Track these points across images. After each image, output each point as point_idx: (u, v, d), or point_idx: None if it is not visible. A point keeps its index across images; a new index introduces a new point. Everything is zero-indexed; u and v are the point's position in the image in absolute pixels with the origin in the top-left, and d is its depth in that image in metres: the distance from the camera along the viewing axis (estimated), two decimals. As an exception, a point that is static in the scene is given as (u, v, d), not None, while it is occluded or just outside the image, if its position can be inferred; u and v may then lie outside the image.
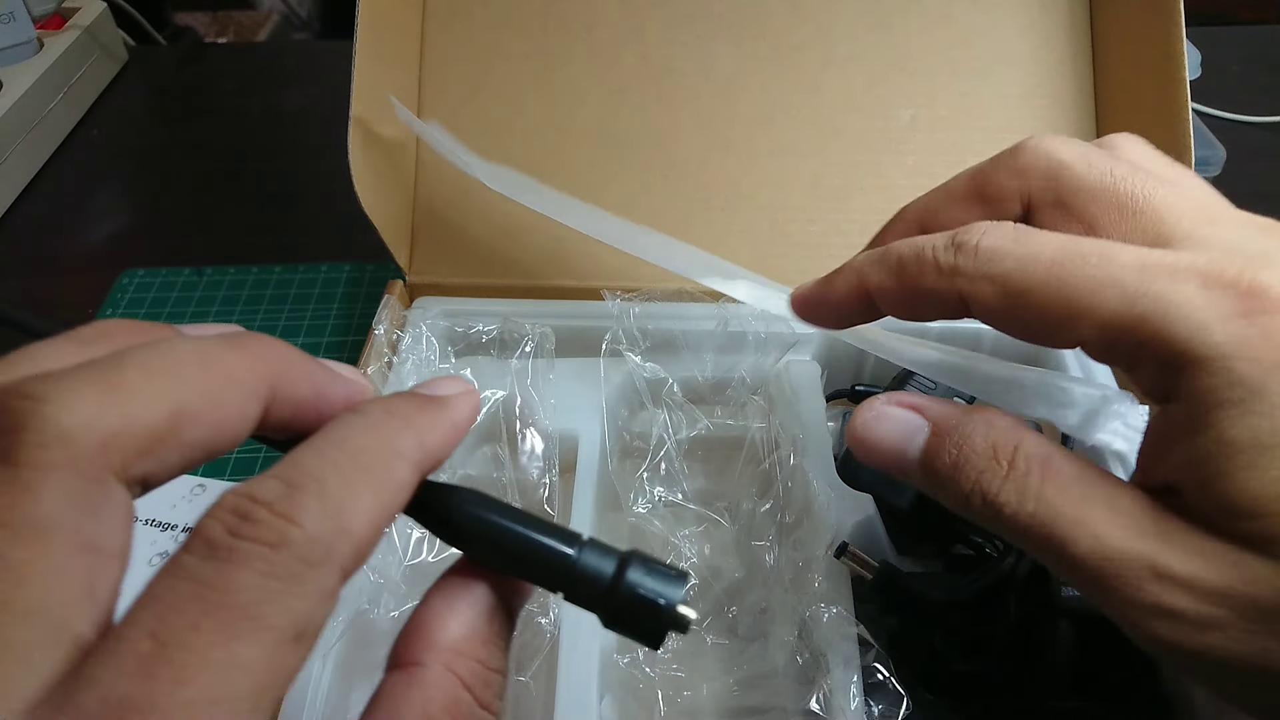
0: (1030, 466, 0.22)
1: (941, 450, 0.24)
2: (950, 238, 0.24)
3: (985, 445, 0.23)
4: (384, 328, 0.42)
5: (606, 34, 0.50)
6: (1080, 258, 0.22)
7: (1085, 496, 0.21)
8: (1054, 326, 0.22)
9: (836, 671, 0.31)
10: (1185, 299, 0.20)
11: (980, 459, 0.23)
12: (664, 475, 0.40)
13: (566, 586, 0.20)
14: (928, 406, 0.25)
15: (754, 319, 0.42)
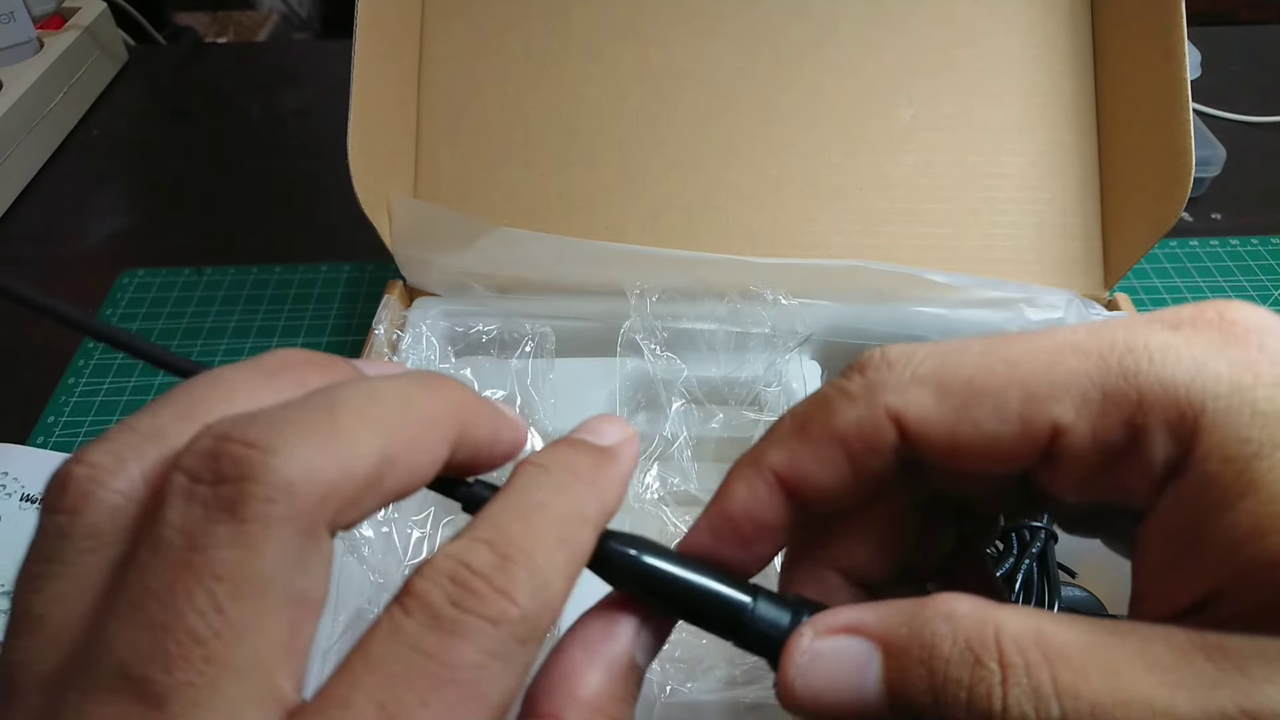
0: (1028, 657, 0.17)
1: (907, 678, 0.18)
2: (844, 371, 0.20)
3: (959, 649, 0.17)
4: (384, 328, 0.42)
5: (606, 34, 0.50)
6: (1013, 339, 0.18)
7: (1113, 667, 0.16)
8: (1019, 416, 0.18)
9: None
10: (1163, 341, 0.17)
11: (961, 669, 0.17)
12: (672, 466, 0.40)
13: (737, 635, 0.20)
14: (863, 621, 0.18)
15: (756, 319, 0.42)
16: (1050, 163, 0.48)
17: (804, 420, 0.20)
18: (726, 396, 0.42)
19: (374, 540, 0.35)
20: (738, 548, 0.21)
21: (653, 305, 0.42)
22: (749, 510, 0.21)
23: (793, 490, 0.20)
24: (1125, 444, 0.17)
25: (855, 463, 0.19)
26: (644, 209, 0.49)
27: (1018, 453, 0.18)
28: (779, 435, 0.20)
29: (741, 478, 0.21)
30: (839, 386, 0.20)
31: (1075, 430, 0.18)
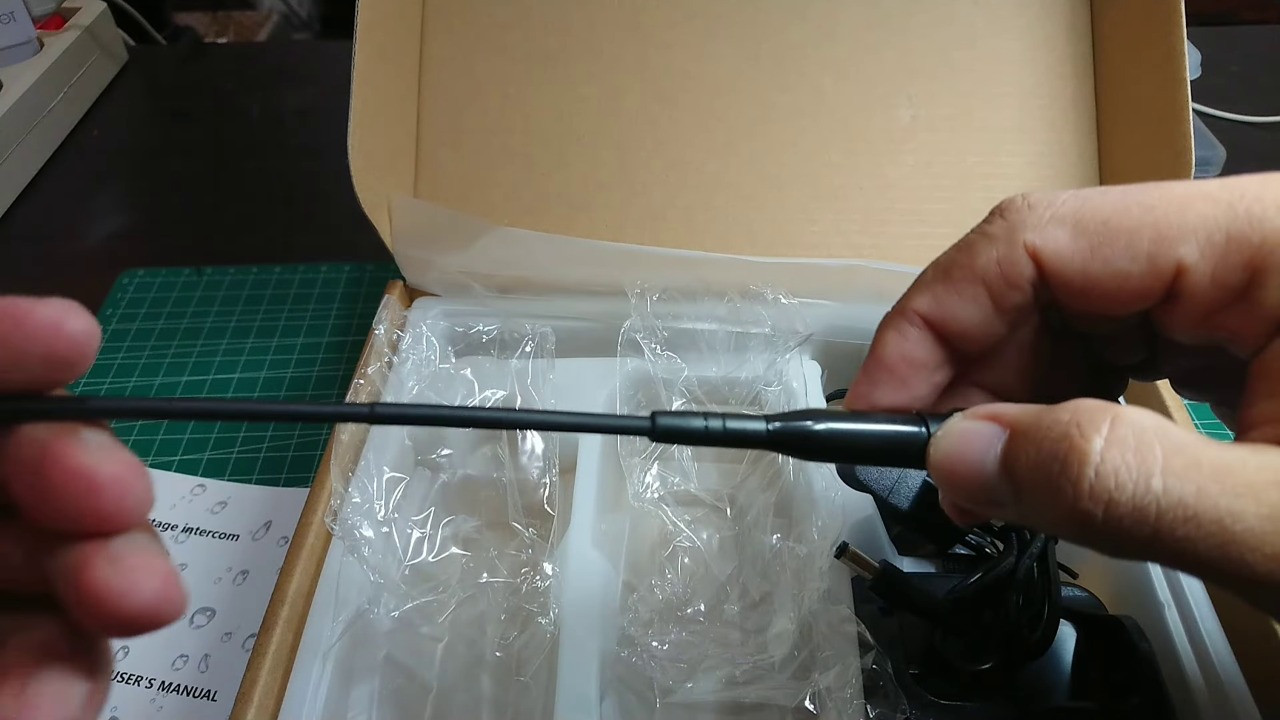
0: (1142, 437, 0.17)
1: (1018, 449, 0.18)
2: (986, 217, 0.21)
3: (1068, 424, 0.17)
4: (384, 328, 0.42)
5: (606, 34, 0.50)
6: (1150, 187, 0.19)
7: (1226, 464, 0.16)
8: (1148, 255, 0.19)
9: (835, 670, 0.31)
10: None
11: (1063, 442, 0.17)
12: (672, 466, 0.40)
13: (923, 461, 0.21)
14: (1005, 411, 0.20)
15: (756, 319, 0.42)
16: (1050, 163, 0.48)
17: (947, 265, 0.22)
18: (727, 396, 0.42)
19: (374, 540, 0.35)
20: (898, 390, 0.23)
21: (653, 305, 0.42)
22: (903, 354, 0.22)
23: (940, 330, 0.22)
24: (1243, 285, 0.18)
25: (996, 299, 0.21)
26: (644, 209, 0.49)
27: (1144, 289, 0.19)
28: (923, 283, 0.22)
29: (891, 326, 0.22)
30: (980, 230, 0.21)
31: (1197, 270, 0.19)
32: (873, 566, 0.34)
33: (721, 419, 0.21)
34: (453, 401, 0.41)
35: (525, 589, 0.35)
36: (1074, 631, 0.36)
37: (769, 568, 0.36)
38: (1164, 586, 0.35)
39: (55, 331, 0.16)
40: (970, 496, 0.20)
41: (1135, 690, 0.33)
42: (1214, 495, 0.16)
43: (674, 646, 0.34)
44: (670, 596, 0.36)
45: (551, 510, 0.38)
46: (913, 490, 0.38)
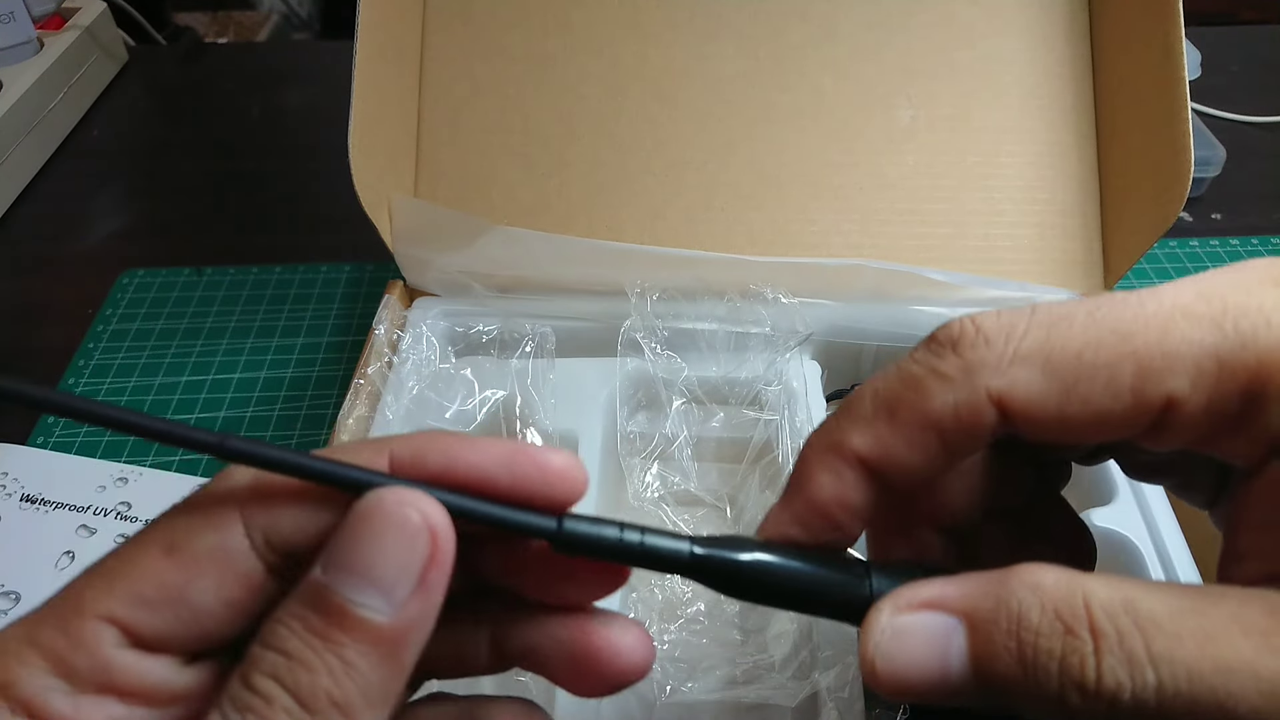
0: (1119, 625, 0.16)
1: (994, 649, 0.17)
2: (926, 345, 0.19)
3: (1048, 619, 0.16)
4: (384, 328, 0.42)
5: (606, 34, 0.50)
6: (1117, 304, 0.17)
7: (1208, 633, 0.16)
8: (1132, 390, 0.17)
9: (835, 670, 0.31)
10: (1276, 301, 0.17)
11: (1052, 639, 0.16)
12: (672, 466, 0.40)
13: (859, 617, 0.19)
14: (945, 595, 0.18)
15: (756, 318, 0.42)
16: (1050, 163, 0.48)
17: (891, 403, 0.19)
18: (727, 396, 0.42)
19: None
20: (830, 533, 0.20)
21: (653, 304, 0.42)
22: (837, 496, 0.20)
23: (878, 472, 0.20)
24: (1240, 411, 0.17)
25: (949, 445, 0.19)
26: (644, 209, 0.49)
27: (1128, 425, 0.18)
28: (860, 417, 0.19)
29: (824, 465, 0.20)
30: (931, 367, 0.18)
31: (1190, 402, 0.17)
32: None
33: (640, 533, 0.20)
34: (453, 401, 0.41)
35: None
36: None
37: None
38: (1164, 586, 0.35)
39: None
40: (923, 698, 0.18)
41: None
42: (1207, 677, 0.15)
43: (674, 646, 0.34)
44: (670, 597, 0.36)
45: (551, 510, 0.38)
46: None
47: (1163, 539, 0.36)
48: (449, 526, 0.17)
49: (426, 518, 0.17)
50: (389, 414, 0.39)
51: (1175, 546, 0.36)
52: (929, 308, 0.44)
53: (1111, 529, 0.37)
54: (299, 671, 0.16)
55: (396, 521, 0.16)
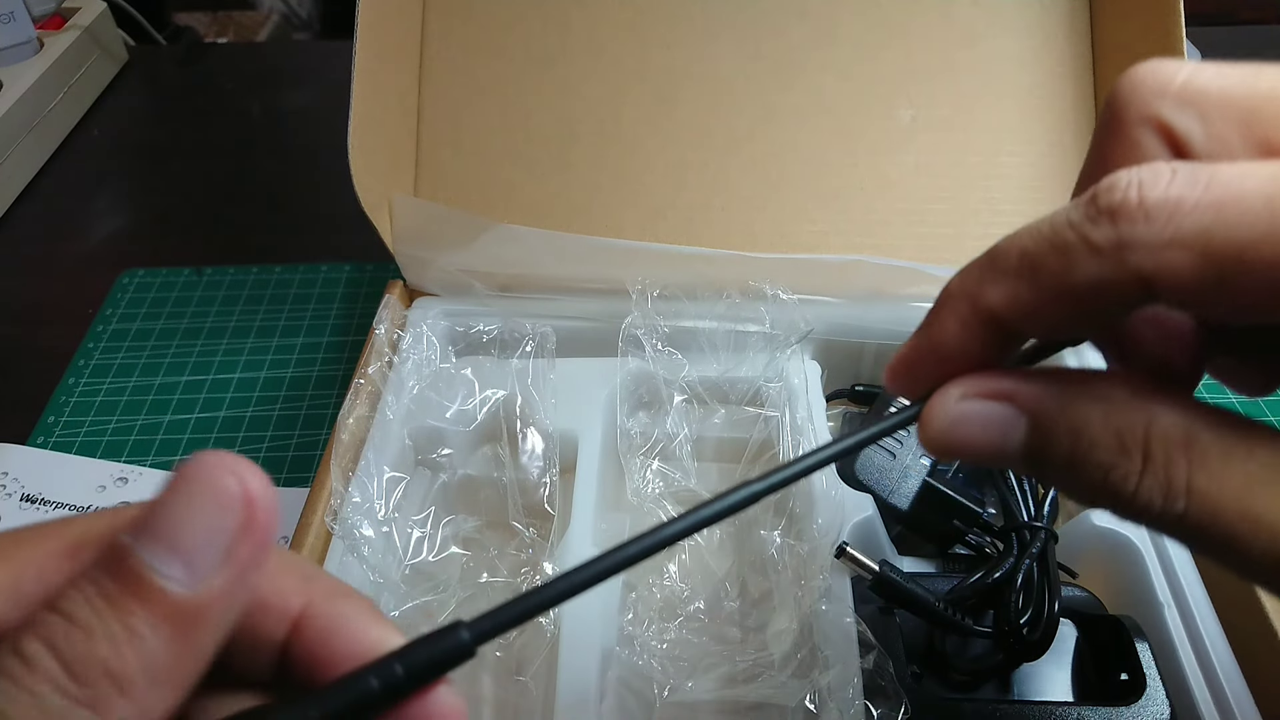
0: (1171, 454, 0.17)
1: (1051, 445, 0.19)
2: (1087, 206, 0.17)
3: (1107, 435, 0.18)
4: (384, 327, 0.42)
5: (607, 34, 0.50)
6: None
7: (1249, 479, 0.17)
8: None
9: (835, 670, 0.31)
10: None
11: (1105, 453, 0.18)
12: (673, 463, 0.40)
13: None
14: (1018, 391, 0.19)
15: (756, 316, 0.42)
16: (1050, 163, 0.48)
17: (1036, 264, 0.18)
18: (727, 394, 0.42)
19: (374, 540, 0.35)
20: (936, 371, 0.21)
21: (653, 302, 0.42)
22: (960, 345, 0.20)
23: (1008, 327, 0.19)
24: None
25: (1088, 314, 0.18)
26: (644, 209, 0.49)
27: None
28: (1003, 271, 0.19)
29: (955, 313, 0.20)
30: (1083, 235, 0.17)
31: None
32: (870, 568, 0.34)
33: None
34: (453, 401, 0.41)
35: (525, 589, 0.35)
36: (1074, 631, 0.36)
37: (769, 566, 0.36)
38: (1164, 586, 0.35)
39: None
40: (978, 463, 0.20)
41: (1135, 690, 0.33)
42: (1230, 521, 0.17)
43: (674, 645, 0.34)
44: (670, 595, 0.36)
45: (551, 510, 0.38)
46: (912, 491, 0.38)
47: (1163, 539, 0.36)
48: (270, 498, 0.15)
49: (244, 483, 0.15)
50: (389, 414, 0.39)
51: (1175, 546, 0.36)
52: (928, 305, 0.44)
53: (1111, 529, 0.37)
54: (76, 637, 0.14)
55: (209, 486, 0.15)
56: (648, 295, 0.41)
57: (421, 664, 0.16)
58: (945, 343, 0.20)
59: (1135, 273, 0.17)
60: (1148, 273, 0.16)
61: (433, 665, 0.16)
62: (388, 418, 0.39)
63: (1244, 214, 0.15)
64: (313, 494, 0.37)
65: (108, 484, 0.47)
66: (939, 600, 0.34)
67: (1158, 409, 0.18)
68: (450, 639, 0.16)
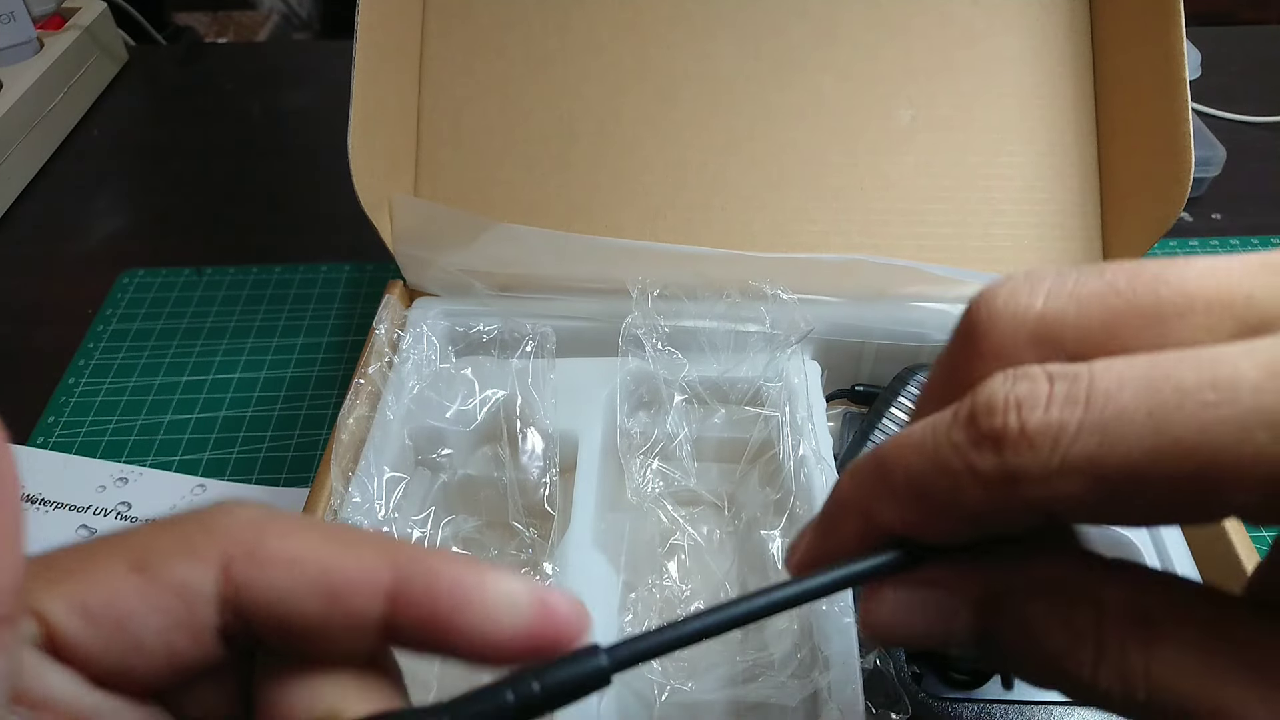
0: (1126, 641, 0.16)
1: (999, 633, 0.18)
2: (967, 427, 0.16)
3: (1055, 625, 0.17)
4: (385, 327, 0.42)
5: (606, 34, 0.50)
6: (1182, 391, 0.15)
7: (1212, 666, 0.15)
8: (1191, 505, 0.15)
9: (836, 670, 0.31)
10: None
11: (1055, 643, 0.17)
12: (673, 463, 0.40)
13: None
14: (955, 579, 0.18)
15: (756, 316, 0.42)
16: (1050, 163, 0.48)
17: (923, 488, 0.17)
18: (727, 393, 0.42)
19: (374, 540, 0.35)
20: None
21: (653, 301, 0.42)
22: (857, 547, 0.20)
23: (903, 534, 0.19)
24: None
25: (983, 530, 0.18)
26: (644, 209, 0.49)
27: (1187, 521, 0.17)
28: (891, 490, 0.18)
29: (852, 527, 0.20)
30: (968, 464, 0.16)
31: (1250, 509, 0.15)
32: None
33: None
34: (453, 401, 0.41)
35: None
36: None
37: (768, 565, 0.36)
38: (1164, 586, 0.35)
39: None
40: (930, 648, 0.19)
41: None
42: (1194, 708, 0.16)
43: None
44: (670, 594, 0.36)
45: (551, 510, 0.38)
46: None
47: (1163, 539, 0.36)
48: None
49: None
50: (389, 414, 0.39)
51: (1175, 546, 0.36)
52: (929, 304, 0.44)
53: (1112, 529, 0.37)
54: None
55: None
56: (648, 295, 0.41)
57: (558, 686, 0.16)
58: (845, 551, 0.20)
59: (1027, 502, 0.16)
60: (1039, 501, 0.16)
61: (569, 688, 0.16)
62: (388, 418, 0.39)
63: (1127, 434, 0.15)
64: (313, 494, 0.37)
65: (108, 484, 0.47)
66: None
67: (1109, 590, 0.17)
68: (590, 664, 0.16)
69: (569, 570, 0.35)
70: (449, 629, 0.17)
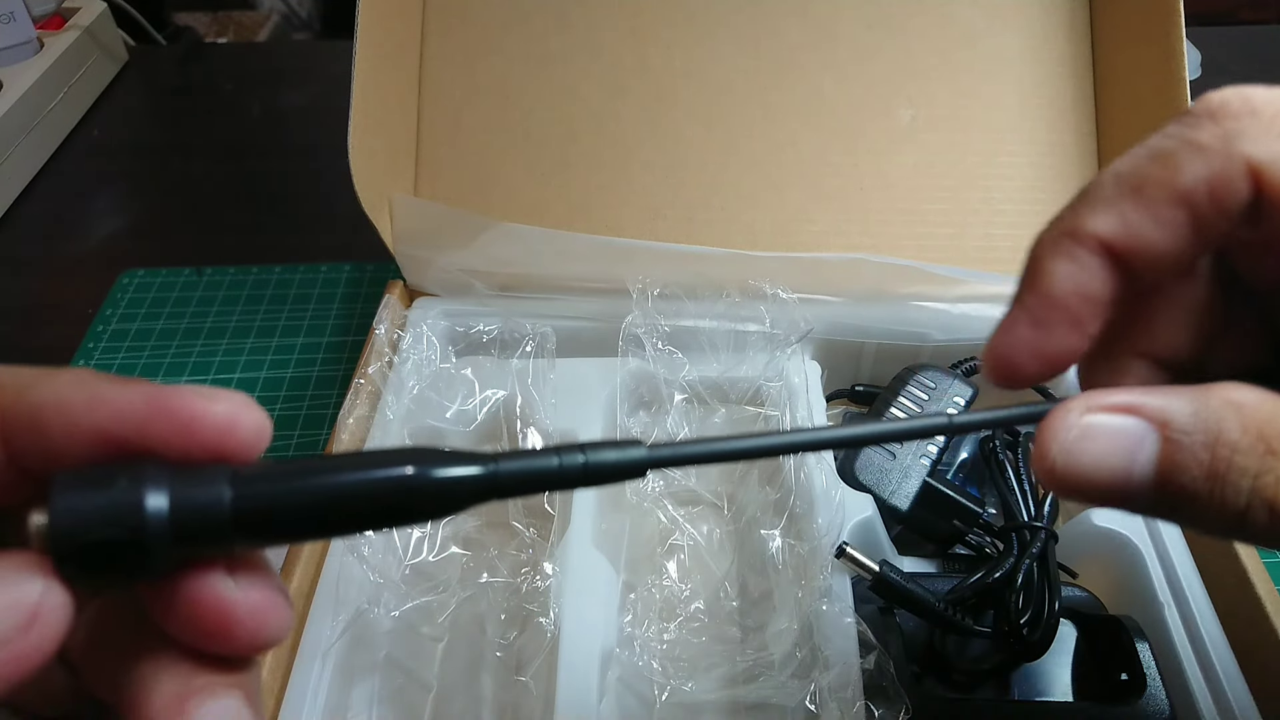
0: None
1: (1186, 459, 0.17)
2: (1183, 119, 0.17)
3: (1249, 436, 0.16)
4: (385, 327, 0.42)
5: (606, 34, 0.50)
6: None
7: None
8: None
9: (836, 670, 0.31)
10: None
11: (1248, 457, 0.16)
12: None
13: None
14: (1144, 403, 0.17)
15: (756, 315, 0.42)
16: (1050, 163, 0.48)
17: (1137, 179, 0.17)
18: (727, 393, 0.42)
19: (374, 540, 0.35)
20: (1072, 332, 0.19)
21: (654, 300, 0.42)
22: (1078, 286, 0.18)
23: (1123, 259, 0.18)
24: None
25: (1198, 224, 0.17)
26: (643, 209, 0.49)
27: None
28: (1100, 199, 0.18)
29: (1060, 252, 0.18)
30: (1184, 138, 0.17)
31: None
32: (870, 568, 0.34)
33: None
34: (453, 401, 0.41)
35: (525, 589, 0.35)
36: (1074, 631, 0.36)
37: (768, 565, 0.36)
38: (1164, 586, 0.35)
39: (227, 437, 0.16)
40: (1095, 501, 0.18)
41: (1135, 690, 0.33)
42: None
43: (674, 645, 0.34)
44: (669, 594, 0.36)
45: (551, 510, 0.38)
46: (913, 491, 0.38)
47: (1163, 539, 0.36)
48: None
49: None
50: (389, 414, 0.39)
51: (1175, 546, 0.36)
52: (929, 304, 0.44)
53: (1112, 529, 0.37)
54: None
55: None
56: (648, 294, 0.41)
57: (600, 464, 0.17)
58: (1058, 287, 0.18)
59: (1245, 161, 0.16)
60: (1258, 161, 0.16)
61: (609, 469, 0.17)
62: (388, 418, 0.39)
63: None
64: (313, 494, 0.37)
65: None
66: (939, 600, 0.34)
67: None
68: (633, 451, 0.17)
69: (569, 570, 0.35)
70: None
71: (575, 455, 0.17)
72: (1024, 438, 0.40)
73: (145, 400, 0.15)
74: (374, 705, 0.35)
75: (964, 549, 0.40)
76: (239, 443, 0.16)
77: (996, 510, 0.39)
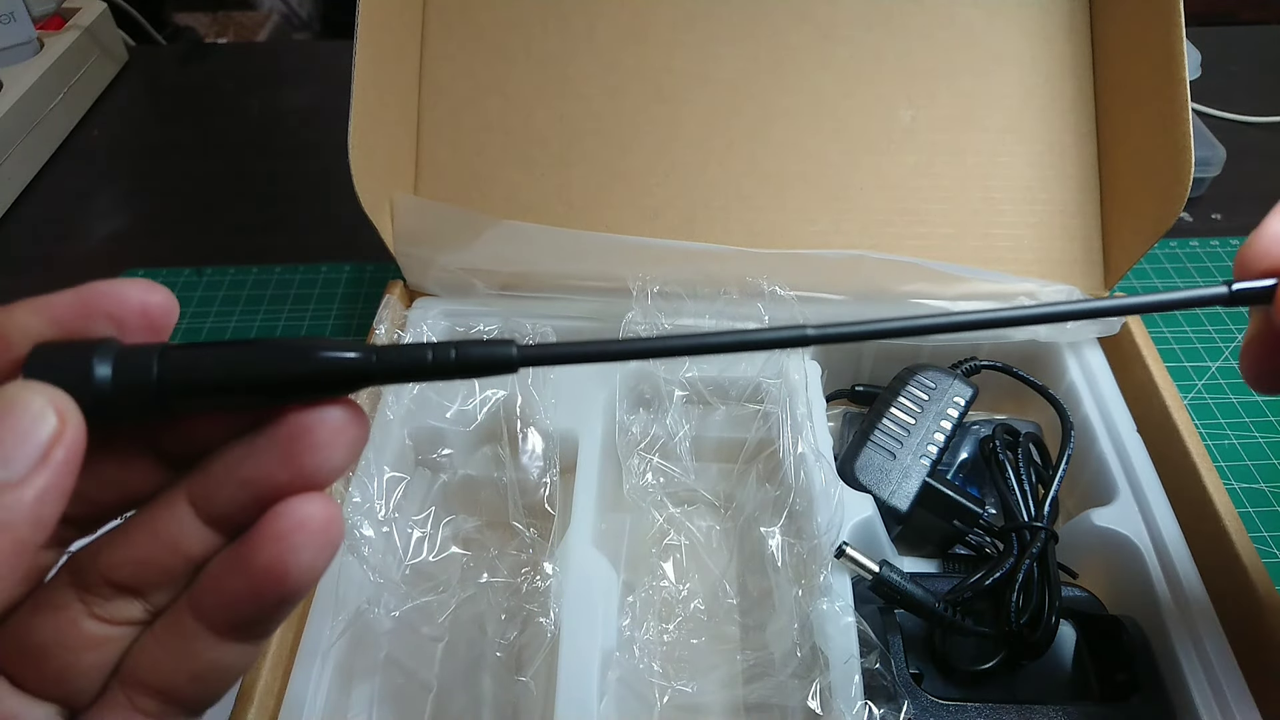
0: None
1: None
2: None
3: None
4: (385, 327, 0.42)
5: (607, 34, 0.50)
6: None
7: None
8: None
9: (836, 670, 0.31)
10: None
11: None
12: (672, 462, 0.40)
13: None
14: None
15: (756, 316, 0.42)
16: (1050, 163, 0.48)
17: None
18: (727, 391, 0.42)
19: (374, 540, 0.35)
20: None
21: (653, 299, 0.42)
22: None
23: None
24: None
25: None
26: (644, 209, 0.49)
27: None
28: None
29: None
30: None
31: None
32: (870, 568, 0.34)
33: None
34: (453, 401, 0.41)
35: (525, 589, 0.35)
36: (1074, 631, 0.36)
37: (768, 564, 0.36)
38: (1164, 586, 0.35)
39: (143, 314, 0.19)
40: None
41: (1135, 690, 0.33)
42: None
43: (673, 645, 0.34)
44: (669, 594, 0.36)
45: (551, 510, 0.38)
46: (913, 491, 0.38)
47: (1163, 539, 0.36)
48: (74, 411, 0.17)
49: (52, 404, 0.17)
50: (389, 414, 0.40)
51: (1175, 546, 0.36)
52: (930, 302, 0.44)
53: (1111, 529, 0.37)
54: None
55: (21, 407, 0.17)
56: (647, 292, 0.42)
57: (470, 357, 0.18)
58: None
59: None
60: None
61: (481, 362, 0.18)
62: (388, 418, 0.39)
63: None
64: (313, 494, 0.37)
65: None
66: (939, 600, 0.34)
67: None
68: (504, 349, 0.19)
69: (569, 570, 0.35)
70: None
71: (447, 351, 0.18)
72: (1024, 438, 0.40)
73: (75, 295, 0.18)
74: (374, 705, 0.35)
75: (964, 549, 0.40)
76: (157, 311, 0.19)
77: (996, 510, 0.39)
